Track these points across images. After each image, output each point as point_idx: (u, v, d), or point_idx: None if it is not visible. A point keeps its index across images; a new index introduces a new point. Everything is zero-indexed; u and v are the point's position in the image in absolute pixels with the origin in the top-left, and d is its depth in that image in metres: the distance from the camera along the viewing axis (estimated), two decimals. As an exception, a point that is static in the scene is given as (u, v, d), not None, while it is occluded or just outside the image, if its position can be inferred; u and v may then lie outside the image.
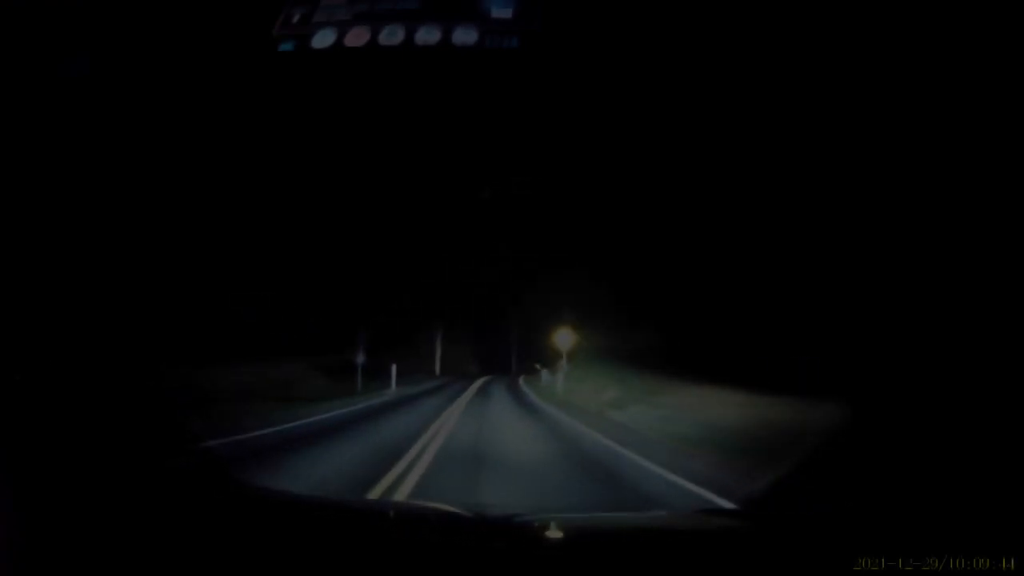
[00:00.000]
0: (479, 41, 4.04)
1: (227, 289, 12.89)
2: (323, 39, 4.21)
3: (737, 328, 11.45)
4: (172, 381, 7.60)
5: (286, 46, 4.29)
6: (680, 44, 6.12)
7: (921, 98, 5.66)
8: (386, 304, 21.91)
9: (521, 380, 27.73)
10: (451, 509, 2.24)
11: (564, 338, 20.41)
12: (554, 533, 1.76)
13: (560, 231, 19.21)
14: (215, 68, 6.30)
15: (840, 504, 2.83)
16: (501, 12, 4.07)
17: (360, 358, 15.72)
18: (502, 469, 5.56)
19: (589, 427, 9.62)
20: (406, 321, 24.42)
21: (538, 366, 28.89)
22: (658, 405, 10.79)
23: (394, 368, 17.69)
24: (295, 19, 4.31)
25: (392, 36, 4.13)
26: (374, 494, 4.44)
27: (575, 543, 1.63)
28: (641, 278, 16.69)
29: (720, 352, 11.46)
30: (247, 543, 1.37)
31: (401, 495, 4.42)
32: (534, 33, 4.00)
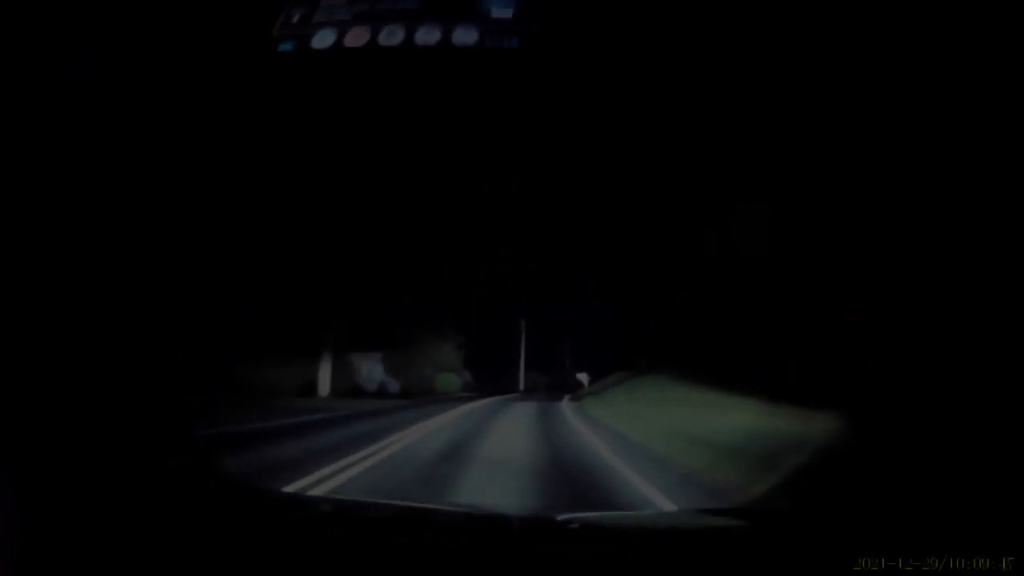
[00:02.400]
0: (479, 41, 4.05)
1: (225, 287, 12.89)
2: (323, 39, 4.23)
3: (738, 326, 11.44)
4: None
5: (286, 46, 4.30)
6: (682, 44, 6.12)
7: (919, 99, 5.65)
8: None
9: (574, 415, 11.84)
10: (446, 508, 2.24)
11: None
12: (552, 532, 1.76)
13: (559, 229, 19.07)
14: (215, 68, 6.30)
15: (840, 504, 2.83)
16: (501, 12, 4.08)
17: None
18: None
19: None
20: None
21: (583, 377, 19.48)
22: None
23: None
24: (295, 19, 4.32)
25: (392, 36, 4.14)
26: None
27: (574, 542, 1.62)
28: (642, 277, 16.66)
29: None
30: (249, 543, 1.36)
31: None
32: (534, 33, 4.01)
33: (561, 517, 2.19)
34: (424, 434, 7.85)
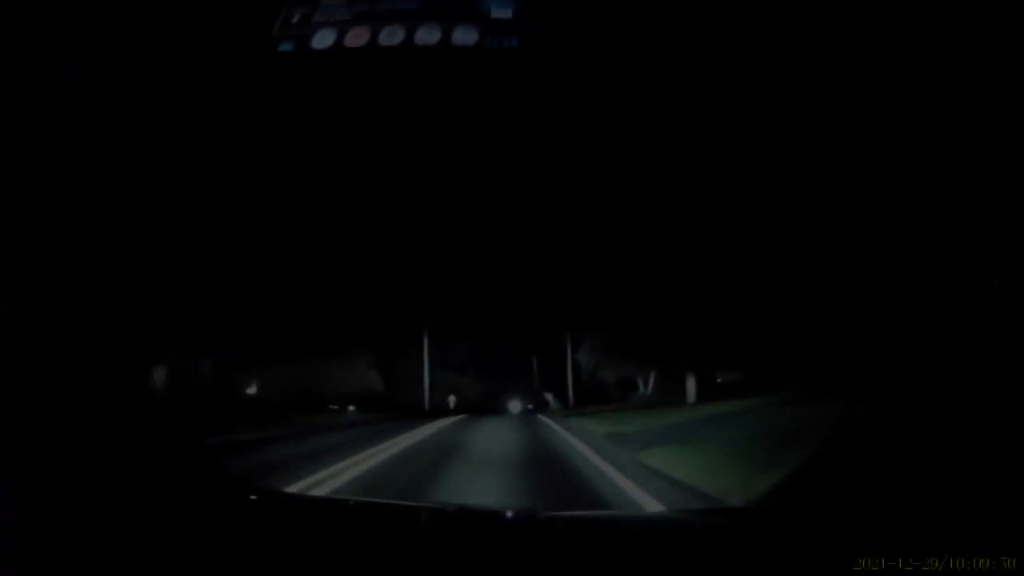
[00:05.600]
0: (479, 41, 4.04)
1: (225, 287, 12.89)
2: (323, 39, 4.22)
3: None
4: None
5: (286, 46, 4.30)
6: (678, 44, 6.12)
7: (932, 102, 5.65)
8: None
9: None
10: (444, 507, 2.24)
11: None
12: (551, 531, 1.76)
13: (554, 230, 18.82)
14: (215, 68, 6.30)
15: (840, 504, 2.83)
16: (501, 12, 4.08)
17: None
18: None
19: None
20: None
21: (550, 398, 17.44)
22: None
23: None
24: (295, 19, 4.31)
25: (392, 36, 4.13)
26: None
27: (572, 541, 1.62)
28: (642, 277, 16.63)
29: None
30: (250, 543, 1.36)
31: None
32: (533, 33, 4.01)
33: (547, 515, 2.20)
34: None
